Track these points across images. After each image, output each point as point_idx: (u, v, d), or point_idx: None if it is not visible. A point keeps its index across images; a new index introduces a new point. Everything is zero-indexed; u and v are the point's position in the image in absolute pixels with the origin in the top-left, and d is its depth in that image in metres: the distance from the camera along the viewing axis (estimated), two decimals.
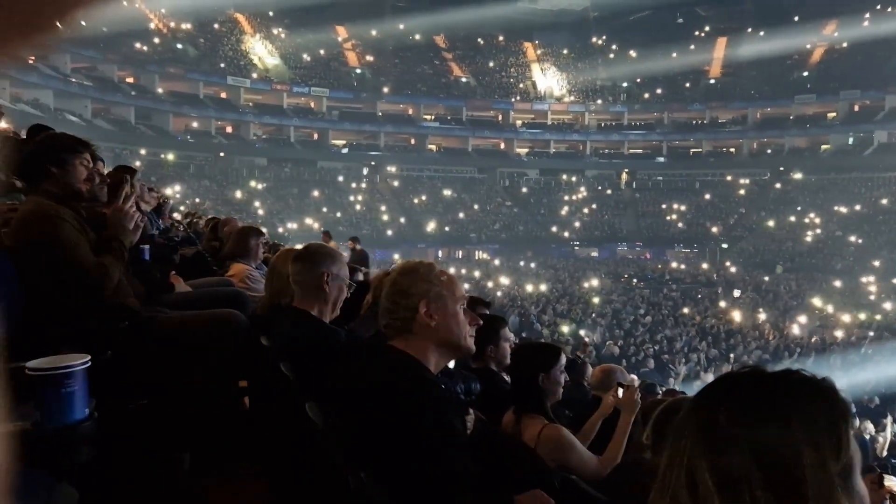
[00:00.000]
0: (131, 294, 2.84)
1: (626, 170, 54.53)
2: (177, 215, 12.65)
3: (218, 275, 4.88)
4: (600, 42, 59.34)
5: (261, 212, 40.27)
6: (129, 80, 44.97)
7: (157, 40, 47.13)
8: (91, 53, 39.80)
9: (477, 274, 33.78)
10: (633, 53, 55.91)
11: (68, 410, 1.51)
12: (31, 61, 30.12)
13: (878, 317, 24.48)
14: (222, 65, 49.90)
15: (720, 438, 0.91)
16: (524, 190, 53.10)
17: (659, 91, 56.07)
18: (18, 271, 2.36)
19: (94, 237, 2.70)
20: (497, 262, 40.25)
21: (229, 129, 49.63)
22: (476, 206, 49.15)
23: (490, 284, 30.08)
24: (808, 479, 0.86)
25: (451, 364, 2.60)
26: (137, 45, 45.03)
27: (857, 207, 42.82)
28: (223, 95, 49.28)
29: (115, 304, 2.65)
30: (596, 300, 26.71)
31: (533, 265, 39.29)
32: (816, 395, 0.93)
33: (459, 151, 54.48)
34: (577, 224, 48.12)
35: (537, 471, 2.54)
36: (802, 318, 23.54)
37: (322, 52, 54.65)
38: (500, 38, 59.84)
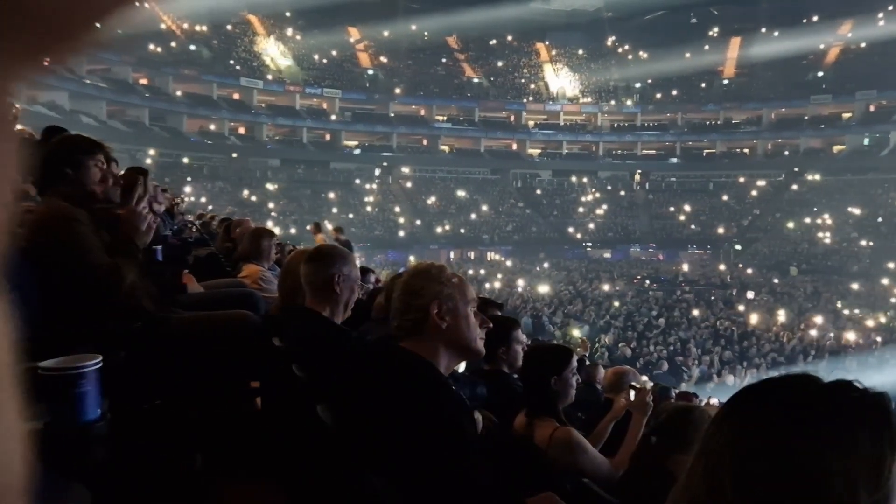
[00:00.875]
0: (145, 295, 2.85)
1: (640, 171, 54.28)
2: (190, 216, 12.72)
3: (231, 276, 4.91)
4: (613, 42, 59.12)
5: (274, 213, 40.44)
6: (144, 81, 45.29)
7: (172, 43, 47.44)
8: (106, 55, 40.12)
9: (499, 276, 33.57)
10: (646, 54, 55.65)
11: (80, 411, 1.52)
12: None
13: None
14: (238, 67, 50.13)
15: (748, 447, 0.88)
16: (537, 191, 53.01)
17: (673, 91, 55.76)
18: (34, 272, 2.38)
19: (108, 238, 2.72)
20: (510, 263, 40.20)
21: (243, 131, 49.90)
22: (488, 208, 49.08)
23: (498, 285, 30.06)
24: None
25: (462, 367, 2.60)
26: (152, 46, 45.35)
27: (873, 209, 42.40)
28: (236, 97, 49.54)
29: (128, 304, 2.67)
30: (616, 304, 26.61)
31: (546, 265, 39.22)
32: (864, 418, 0.87)
33: (472, 152, 54.46)
34: (590, 225, 47.95)
35: (549, 474, 2.53)
36: (819, 319, 23.38)
37: (335, 53, 54.84)
38: (513, 38, 59.77)
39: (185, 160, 44.92)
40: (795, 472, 0.85)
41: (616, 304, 26.61)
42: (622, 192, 52.70)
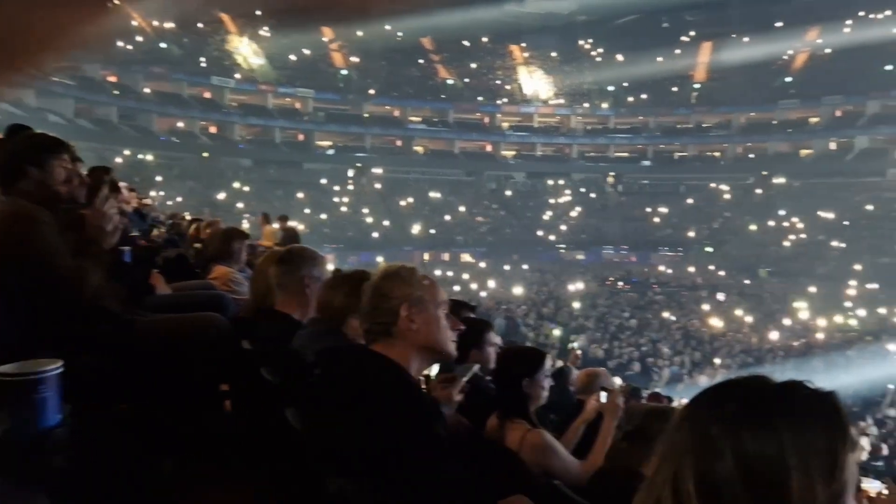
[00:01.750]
0: (111, 297, 2.80)
1: (612, 173, 54.75)
2: (160, 216, 12.54)
3: (200, 277, 4.84)
4: (587, 45, 59.50)
5: (246, 213, 39.98)
6: (113, 79, 44.54)
7: (140, 39, 46.67)
8: (74, 52, 39.39)
9: (469, 276, 33.53)
10: (619, 57, 56.06)
11: (40, 417, 1.48)
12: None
13: (853, 321, 24.74)
14: (206, 64, 49.46)
15: (708, 447, 0.90)
16: (510, 193, 53.18)
17: (645, 95, 56.30)
18: None
19: (72, 240, 2.66)
20: (483, 265, 40.26)
21: (214, 130, 49.31)
22: (462, 209, 49.11)
23: (473, 287, 30.14)
24: (793, 501, 0.86)
25: (435, 369, 2.59)
26: (121, 44, 44.58)
27: (839, 212, 43.22)
28: (207, 95, 48.93)
29: (94, 307, 2.62)
30: (577, 304, 26.70)
31: (520, 267, 39.36)
32: (817, 414, 0.91)
33: (446, 154, 54.50)
34: (563, 227, 48.24)
35: (520, 476, 2.53)
36: (787, 321, 23.79)
37: (308, 52, 54.43)
38: (487, 40, 59.86)
39: (155, 159, 44.23)
40: (755, 470, 0.87)
41: (576, 304, 26.61)
42: (595, 195, 53.09)
